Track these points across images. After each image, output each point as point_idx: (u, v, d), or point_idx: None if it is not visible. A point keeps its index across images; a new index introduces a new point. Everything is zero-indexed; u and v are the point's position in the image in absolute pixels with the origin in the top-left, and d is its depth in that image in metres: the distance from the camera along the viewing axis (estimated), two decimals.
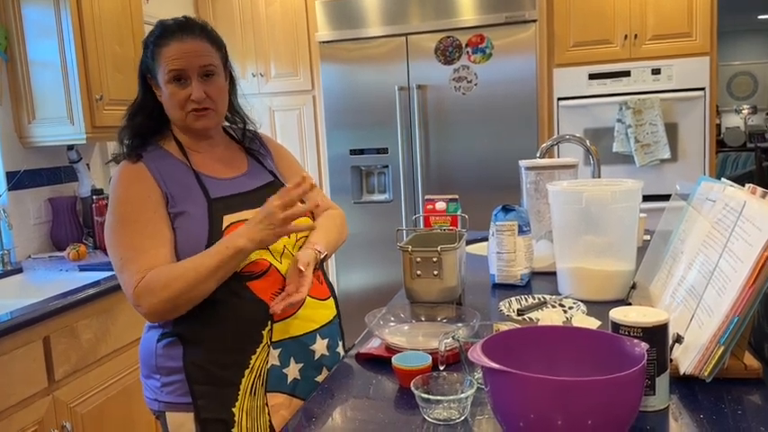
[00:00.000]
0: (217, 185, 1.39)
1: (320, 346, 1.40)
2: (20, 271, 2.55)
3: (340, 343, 1.48)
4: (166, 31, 1.38)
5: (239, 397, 1.31)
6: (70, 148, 2.88)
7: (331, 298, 1.48)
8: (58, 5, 2.56)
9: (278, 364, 1.34)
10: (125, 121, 1.44)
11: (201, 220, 1.32)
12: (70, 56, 2.58)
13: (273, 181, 1.49)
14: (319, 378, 1.40)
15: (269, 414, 1.34)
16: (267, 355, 1.33)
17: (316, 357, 1.39)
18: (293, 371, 1.36)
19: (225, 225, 1.33)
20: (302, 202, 1.33)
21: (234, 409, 1.31)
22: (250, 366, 1.32)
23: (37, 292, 2.32)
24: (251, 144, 1.56)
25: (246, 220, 1.34)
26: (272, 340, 1.33)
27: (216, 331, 1.31)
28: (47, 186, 2.84)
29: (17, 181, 2.68)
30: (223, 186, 1.40)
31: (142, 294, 1.26)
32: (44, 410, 1.98)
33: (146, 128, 1.43)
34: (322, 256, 1.43)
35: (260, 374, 1.33)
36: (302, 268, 1.33)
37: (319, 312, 1.42)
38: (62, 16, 2.56)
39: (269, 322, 1.32)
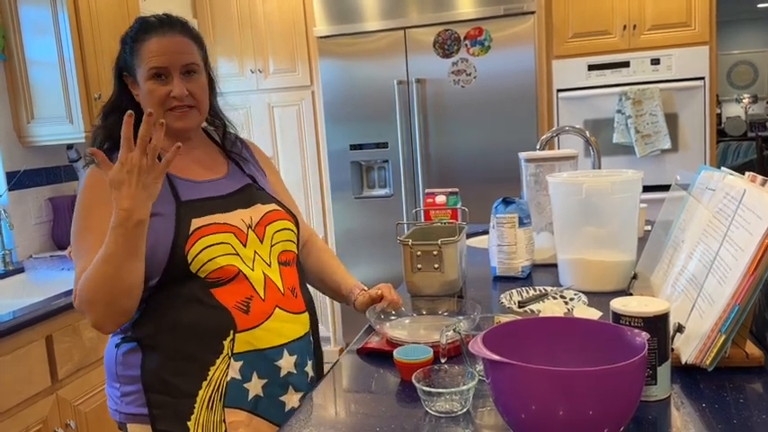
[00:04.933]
0: (189, 188, 1.33)
1: (287, 363, 1.30)
2: (21, 271, 2.55)
3: (310, 362, 1.37)
4: (146, 27, 1.33)
5: (195, 410, 1.24)
6: (69, 147, 2.87)
7: (306, 313, 1.38)
8: (54, 4, 2.56)
9: (238, 377, 1.26)
10: (99, 121, 1.39)
11: (168, 222, 1.25)
12: (68, 54, 2.58)
13: (250, 184, 1.42)
14: (284, 398, 1.31)
15: (226, 431, 1.26)
16: (227, 367, 1.25)
17: (281, 374, 1.30)
18: (255, 386, 1.27)
19: (192, 228, 1.26)
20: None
21: (189, 423, 1.24)
22: (208, 378, 1.24)
23: (39, 292, 2.33)
24: (232, 147, 1.49)
25: (216, 224, 1.28)
26: (234, 352, 1.25)
27: (174, 338, 1.25)
28: (47, 186, 2.84)
29: (17, 181, 2.68)
30: (196, 189, 1.33)
31: (81, 305, 1.21)
32: (48, 409, 1.99)
33: (119, 128, 1.32)
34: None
35: (218, 387, 1.25)
36: (395, 297, 1.43)
37: (289, 327, 1.32)
38: (59, 15, 2.56)
39: (231, 332, 1.25)
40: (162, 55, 1.30)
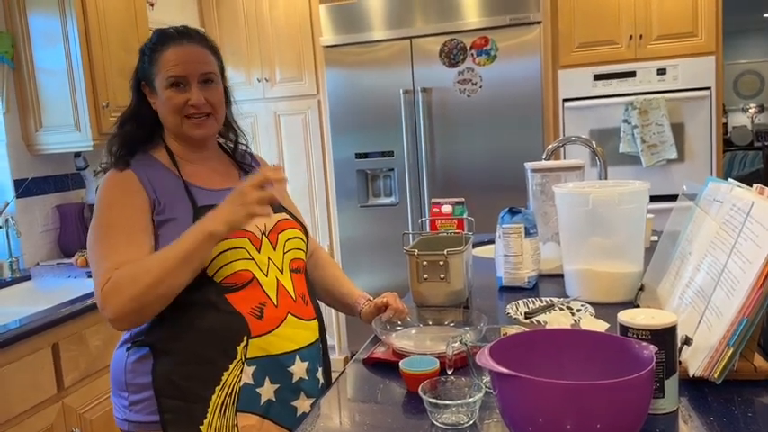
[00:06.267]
0: (205, 195, 1.35)
1: (299, 369, 1.32)
2: (28, 278, 2.56)
3: (320, 368, 1.39)
4: (165, 37, 1.36)
5: (208, 414, 1.25)
6: (77, 155, 2.89)
7: (315, 320, 1.40)
8: (63, 13, 2.58)
9: (251, 382, 1.27)
10: (115, 130, 1.41)
11: (186, 227, 1.26)
12: (76, 63, 2.59)
13: None
14: (296, 403, 1.32)
15: None
16: (240, 372, 1.26)
17: (293, 380, 1.31)
18: (268, 391, 1.29)
19: None
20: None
21: (202, 427, 1.26)
22: (221, 383, 1.26)
23: (45, 299, 2.33)
24: (242, 159, 1.52)
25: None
26: (247, 357, 1.26)
27: (188, 343, 1.27)
28: (54, 194, 2.85)
29: (25, 189, 2.69)
30: (211, 196, 1.35)
31: (109, 293, 1.21)
32: (54, 417, 1.99)
33: (135, 137, 1.39)
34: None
35: (231, 392, 1.26)
36: (400, 306, 1.44)
37: (300, 333, 1.34)
38: (68, 23, 2.58)
39: (245, 337, 1.26)
40: (180, 64, 1.33)
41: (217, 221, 1.19)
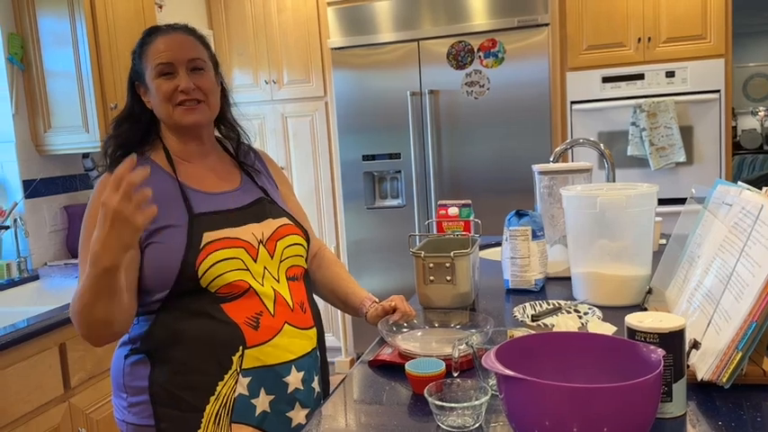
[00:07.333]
0: (202, 199, 1.32)
1: (295, 379, 1.30)
2: (36, 278, 2.57)
3: (317, 378, 1.37)
4: (152, 31, 1.38)
5: (202, 425, 1.24)
6: (85, 155, 2.90)
7: (314, 328, 1.37)
8: (73, 15, 2.59)
9: (246, 393, 1.25)
10: (111, 130, 1.39)
11: (180, 235, 1.25)
12: (85, 64, 2.61)
13: (261, 198, 1.40)
14: (291, 414, 1.30)
15: None
16: (235, 382, 1.25)
17: (289, 390, 1.29)
18: (263, 402, 1.27)
19: (204, 242, 1.25)
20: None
21: None
22: (216, 393, 1.24)
23: (53, 299, 2.34)
24: (245, 158, 1.48)
25: (228, 238, 1.28)
26: (243, 367, 1.25)
27: (183, 352, 1.25)
28: (62, 194, 2.86)
29: (33, 189, 2.71)
30: (209, 201, 1.32)
31: (73, 320, 1.23)
32: (60, 417, 1.99)
33: (131, 137, 1.37)
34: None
35: (226, 403, 1.25)
36: (408, 309, 1.42)
37: (297, 342, 1.31)
38: (77, 25, 2.59)
39: (241, 348, 1.24)
40: (167, 51, 1.33)
41: (109, 253, 1.07)
